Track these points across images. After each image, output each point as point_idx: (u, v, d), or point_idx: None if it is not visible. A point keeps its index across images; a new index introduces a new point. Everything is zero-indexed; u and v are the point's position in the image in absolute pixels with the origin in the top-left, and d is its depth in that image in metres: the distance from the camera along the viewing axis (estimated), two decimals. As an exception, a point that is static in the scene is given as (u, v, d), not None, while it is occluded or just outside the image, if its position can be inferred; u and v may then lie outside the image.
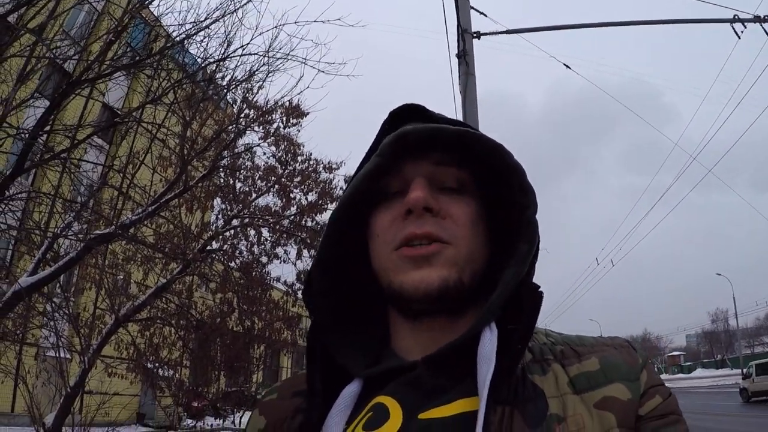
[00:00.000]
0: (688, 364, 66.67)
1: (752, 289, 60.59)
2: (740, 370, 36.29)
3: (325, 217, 11.59)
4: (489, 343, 0.67)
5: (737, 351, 53.35)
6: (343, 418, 0.70)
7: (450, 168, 0.76)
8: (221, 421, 15.15)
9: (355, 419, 0.70)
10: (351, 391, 0.72)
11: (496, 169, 0.75)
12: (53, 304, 9.79)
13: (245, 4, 7.10)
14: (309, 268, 0.87)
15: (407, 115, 0.80)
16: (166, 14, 7.69)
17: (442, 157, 0.75)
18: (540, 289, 0.71)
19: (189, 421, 16.10)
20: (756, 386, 25.10)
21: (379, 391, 0.71)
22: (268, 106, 9.65)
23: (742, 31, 8.37)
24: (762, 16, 8.30)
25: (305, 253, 11.42)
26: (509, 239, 0.75)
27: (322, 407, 0.71)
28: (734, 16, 8.29)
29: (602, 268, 34.43)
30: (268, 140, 10.73)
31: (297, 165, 11.48)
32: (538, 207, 0.73)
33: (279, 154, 11.31)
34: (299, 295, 12.27)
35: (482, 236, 0.76)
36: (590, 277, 60.15)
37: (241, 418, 14.90)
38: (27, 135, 6.46)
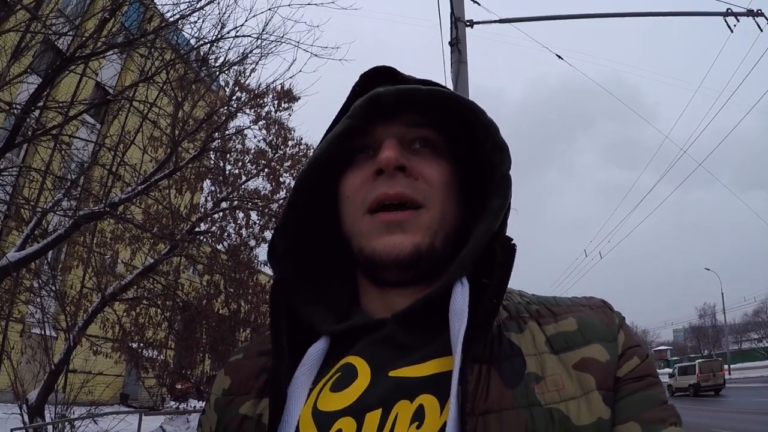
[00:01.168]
0: (675, 358, 66.40)
1: (740, 285, 60.64)
2: (726, 366, 39.10)
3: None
4: (461, 297, 0.65)
5: (724, 346, 53.30)
6: (310, 378, 0.68)
7: (422, 129, 0.74)
8: (205, 403, 15.22)
9: (322, 379, 0.68)
10: (318, 349, 0.69)
11: (469, 129, 0.74)
12: (40, 281, 9.83)
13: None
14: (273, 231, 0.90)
15: (378, 77, 0.78)
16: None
17: (414, 118, 0.74)
18: (513, 242, 0.69)
19: (172, 402, 16.14)
20: (678, 384, 31.60)
21: (347, 351, 0.69)
22: (260, 89, 9.72)
23: (735, 25, 8.37)
24: (755, 10, 8.31)
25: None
26: (482, 199, 0.73)
27: (288, 366, 0.68)
28: (727, 9, 8.30)
29: (590, 260, 35.61)
30: (260, 124, 10.80)
31: (287, 149, 11.58)
32: (512, 163, 0.71)
33: (270, 138, 11.40)
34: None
35: (455, 197, 0.74)
36: (577, 269, 60.52)
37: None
38: (19, 110, 6.49)
